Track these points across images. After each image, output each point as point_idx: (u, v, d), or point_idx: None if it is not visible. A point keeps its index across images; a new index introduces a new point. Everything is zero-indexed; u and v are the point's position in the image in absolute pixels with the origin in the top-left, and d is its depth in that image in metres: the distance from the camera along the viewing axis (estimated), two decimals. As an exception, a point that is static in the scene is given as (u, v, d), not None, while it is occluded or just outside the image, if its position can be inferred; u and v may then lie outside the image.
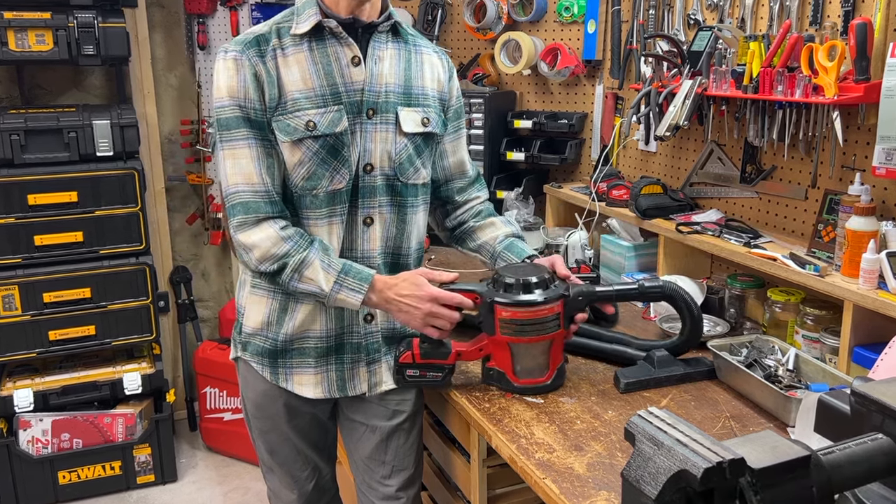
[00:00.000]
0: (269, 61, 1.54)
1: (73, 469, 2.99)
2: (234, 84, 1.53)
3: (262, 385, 1.72)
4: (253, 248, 1.54)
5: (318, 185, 1.57)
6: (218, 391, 3.34)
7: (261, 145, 1.55)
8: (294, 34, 1.55)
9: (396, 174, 1.63)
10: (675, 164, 2.46)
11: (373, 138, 1.60)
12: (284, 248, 1.54)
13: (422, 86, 1.67)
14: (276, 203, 1.56)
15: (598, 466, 1.40)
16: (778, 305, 1.93)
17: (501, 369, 1.68)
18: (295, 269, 1.54)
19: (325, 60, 1.56)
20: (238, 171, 1.54)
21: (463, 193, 1.86)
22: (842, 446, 0.89)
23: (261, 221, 1.55)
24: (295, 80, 1.54)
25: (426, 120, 1.66)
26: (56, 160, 2.82)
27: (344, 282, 1.55)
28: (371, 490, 1.81)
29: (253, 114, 1.54)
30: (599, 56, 2.71)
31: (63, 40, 2.79)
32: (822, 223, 1.86)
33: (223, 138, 1.55)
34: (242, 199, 1.54)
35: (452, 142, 1.80)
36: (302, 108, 1.54)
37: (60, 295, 2.88)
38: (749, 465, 0.80)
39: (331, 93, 1.56)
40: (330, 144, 1.56)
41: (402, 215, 1.67)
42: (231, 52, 1.54)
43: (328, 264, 1.55)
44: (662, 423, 0.87)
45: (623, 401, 1.65)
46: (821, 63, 1.74)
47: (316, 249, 1.55)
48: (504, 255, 1.79)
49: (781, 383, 1.62)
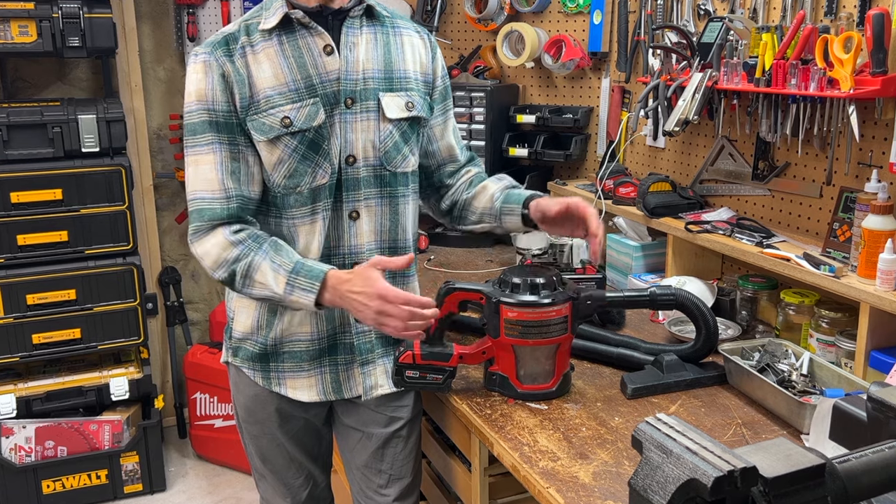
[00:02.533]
0: (239, 60, 1.55)
1: (58, 478, 2.99)
2: (202, 88, 1.55)
3: (254, 389, 1.72)
4: (204, 256, 1.56)
5: (301, 183, 1.58)
6: (208, 397, 3.34)
7: (227, 150, 1.56)
8: (263, 29, 1.56)
9: (383, 163, 1.63)
10: (684, 160, 2.46)
11: (353, 128, 1.60)
12: (234, 253, 1.53)
13: (403, 69, 1.66)
14: (233, 208, 1.56)
15: (605, 475, 1.40)
16: (791, 308, 1.93)
17: (505, 374, 1.68)
18: (244, 276, 1.53)
19: (296, 53, 1.56)
20: (199, 177, 1.56)
21: (454, 176, 1.84)
22: (858, 454, 0.89)
23: (214, 227, 1.55)
24: (267, 76, 1.55)
25: (410, 104, 1.65)
26: (40, 156, 2.82)
27: (295, 282, 1.51)
28: (368, 499, 1.81)
29: (221, 117, 1.55)
30: (606, 48, 2.71)
31: (47, 31, 2.79)
32: (837, 222, 1.86)
33: (188, 144, 1.58)
34: (200, 207, 1.56)
35: (440, 125, 1.79)
36: (276, 105, 1.55)
37: (44, 297, 2.88)
38: (761, 474, 0.80)
39: (305, 86, 1.56)
40: (309, 139, 1.56)
41: (393, 206, 1.67)
42: (200, 56, 1.56)
43: (278, 265, 1.52)
44: (671, 430, 0.87)
45: (630, 407, 1.65)
46: (836, 55, 1.74)
47: (265, 251, 1.53)
48: (505, 211, 1.74)
49: (795, 389, 1.62)
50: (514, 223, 1.74)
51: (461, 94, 2.87)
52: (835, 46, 1.74)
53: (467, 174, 1.85)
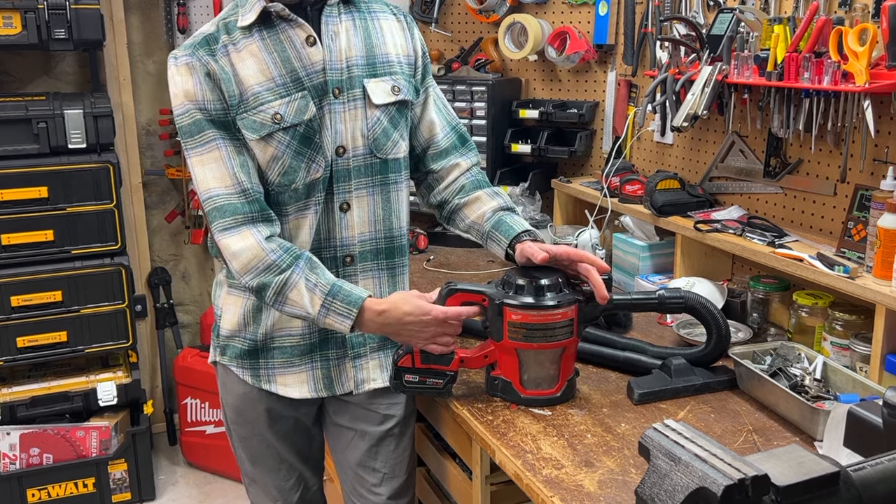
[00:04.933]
0: (222, 58, 1.56)
1: (43, 486, 2.99)
2: (190, 88, 1.55)
3: (243, 388, 1.74)
4: (234, 257, 1.56)
5: (296, 179, 1.59)
6: (199, 402, 3.34)
7: (231, 144, 1.56)
8: (242, 27, 1.57)
9: (373, 150, 1.64)
10: (693, 157, 2.46)
11: (342, 118, 1.61)
12: (267, 263, 1.54)
13: (385, 53, 1.67)
14: (255, 202, 1.57)
15: (611, 484, 1.40)
16: (804, 310, 1.94)
17: (507, 378, 1.68)
18: (277, 292, 1.55)
19: (279, 47, 1.57)
20: (210, 174, 1.56)
21: (439, 161, 1.79)
22: (873, 462, 0.90)
23: (242, 225, 1.56)
24: (252, 73, 1.56)
25: (396, 88, 1.67)
26: (24, 153, 2.82)
27: (332, 305, 1.55)
28: (361, 498, 1.83)
29: (216, 114, 1.56)
30: (612, 40, 2.71)
31: (32, 23, 2.79)
32: (852, 221, 1.86)
33: (188, 146, 1.57)
34: (219, 204, 1.56)
35: (420, 104, 1.77)
36: (265, 102, 1.55)
37: (29, 298, 2.88)
38: (773, 483, 0.80)
39: (292, 79, 1.57)
40: (301, 134, 1.58)
41: (385, 194, 1.68)
42: (182, 58, 1.56)
43: (314, 284, 1.55)
44: (679, 436, 0.87)
45: (637, 413, 1.65)
46: (851, 48, 1.74)
47: (301, 268, 1.55)
48: (493, 238, 1.73)
49: (808, 394, 1.63)
50: (499, 253, 1.74)
51: (462, 88, 2.87)
52: (849, 39, 1.74)
53: (457, 172, 1.79)
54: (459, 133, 1.82)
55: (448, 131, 1.80)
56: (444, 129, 1.80)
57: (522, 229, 1.70)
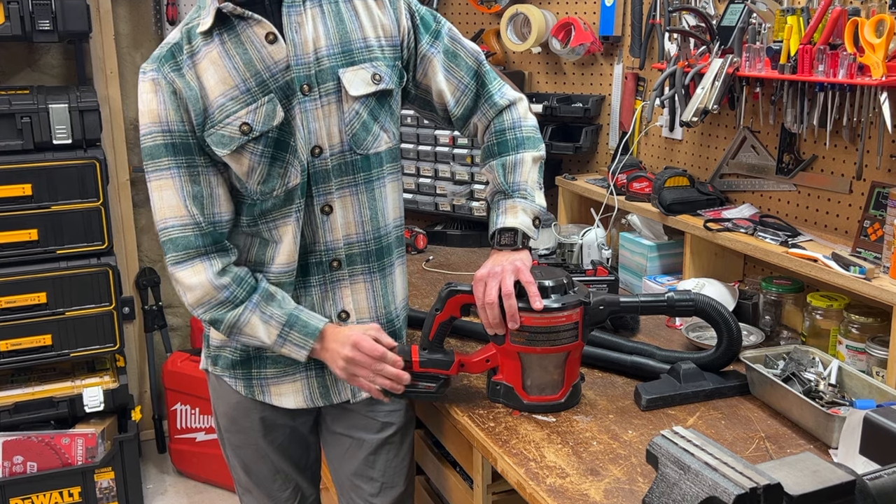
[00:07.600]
0: (188, 72, 1.55)
1: (27, 496, 2.99)
2: (154, 107, 1.56)
3: (236, 397, 1.74)
4: (188, 290, 1.61)
5: (275, 186, 1.59)
6: (189, 408, 3.34)
7: (186, 173, 1.57)
8: (202, 31, 1.55)
9: (352, 147, 1.62)
10: (703, 153, 2.46)
11: (315, 116, 1.58)
12: (219, 299, 1.59)
13: (363, 37, 1.61)
14: (208, 234, 1.59)
15: (617, 493, 1.40)
16: (819, 312, 1.94)
17: (510, 383, 1.68)
18: (230, 327, 1.61)
19: (239, 50, 1.54)
20: (165, 203, 1.58)
21: (460, 125, 1.77)
22: (890, 470, 0.90)
23: (195, 258, 1.59)
24: (215, 83, 1.54)
25: (377, 76, 1.62)
26: (7, 148, 2.81)
27: (288, 335, 1.61)
28: None
29: (178, 138, 1.56)
30: (618, 32, 2.71)
31: (15, 14, 2.79)
32: (868, 220, 1.86)
33: (149, 168, 1.59)
34: (172, 236, 1.58)
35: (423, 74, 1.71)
36: (231, 112, 1.54)
37: (12, 300, 2.88)
38: (786, 492, 0.81)
39: (256, 83, 1.54)
40: (274, 140, 1.56)
41: (370, 192, 1.66)
42: (148, 74, 1.57)
43: (269, 316, 1.60)
44: (689, 444, 0.88)
45: (645, 419, 1.65)
46: (867, 40, 1.74)
47: (255, 303, 1.60)
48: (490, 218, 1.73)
49: (823, 399, 1.63)
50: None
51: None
52: (865, 30, 1.74)
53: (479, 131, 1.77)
54: (472, 93, 1.74)
55: (459, 96, 1.73)
56: (455, 96, 1.73)
57: (494, 228, 1.69)
